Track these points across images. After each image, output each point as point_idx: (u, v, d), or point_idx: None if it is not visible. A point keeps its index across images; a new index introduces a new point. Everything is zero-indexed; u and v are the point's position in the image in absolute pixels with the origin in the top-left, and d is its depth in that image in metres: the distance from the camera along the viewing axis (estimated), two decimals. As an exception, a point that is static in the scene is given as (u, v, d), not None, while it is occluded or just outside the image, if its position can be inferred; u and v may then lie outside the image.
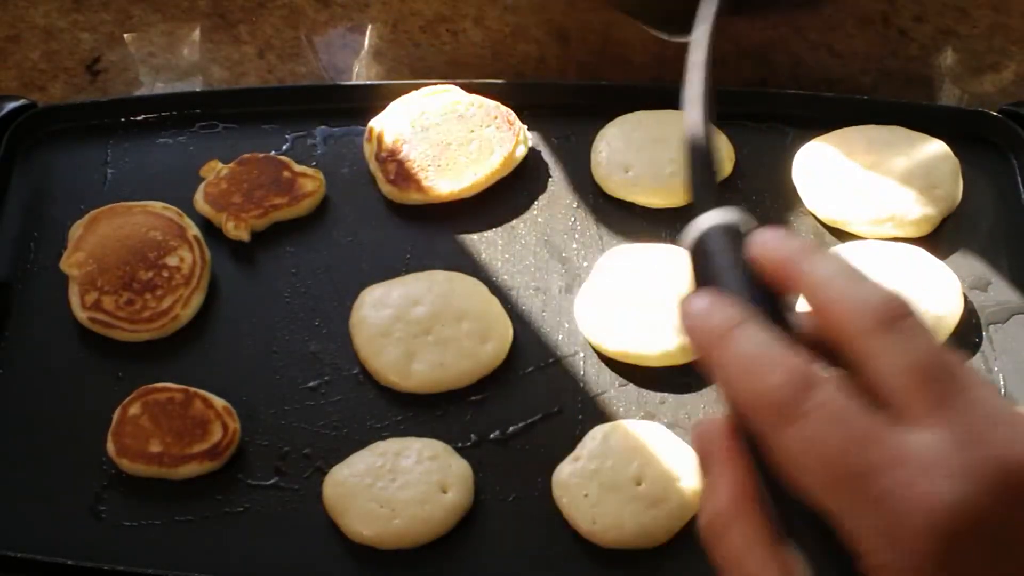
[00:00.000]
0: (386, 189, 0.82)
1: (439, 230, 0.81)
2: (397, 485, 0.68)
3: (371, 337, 0.74)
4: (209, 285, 0.78)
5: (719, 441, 0.41)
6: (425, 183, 0.81)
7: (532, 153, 0.84)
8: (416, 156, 0.82)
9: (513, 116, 0.83)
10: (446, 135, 0.82)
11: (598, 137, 0.84)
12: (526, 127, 0.84)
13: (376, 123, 0.84)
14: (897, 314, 0.40)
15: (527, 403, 0.73)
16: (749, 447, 0.40)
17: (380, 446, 0.70)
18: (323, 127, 0.86)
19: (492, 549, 0.68)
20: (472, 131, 0.83)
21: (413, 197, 0.81)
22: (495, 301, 0.76)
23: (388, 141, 0.83)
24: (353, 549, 0.67)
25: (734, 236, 0.44)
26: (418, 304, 0.75)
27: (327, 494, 0.68)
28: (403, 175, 0.81)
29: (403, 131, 0.83)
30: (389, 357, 0.73)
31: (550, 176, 0.84)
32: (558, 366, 0.75)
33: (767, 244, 0.43)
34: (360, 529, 0.67)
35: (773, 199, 0.83)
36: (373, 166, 0.83)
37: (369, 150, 0.83)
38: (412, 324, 0.74)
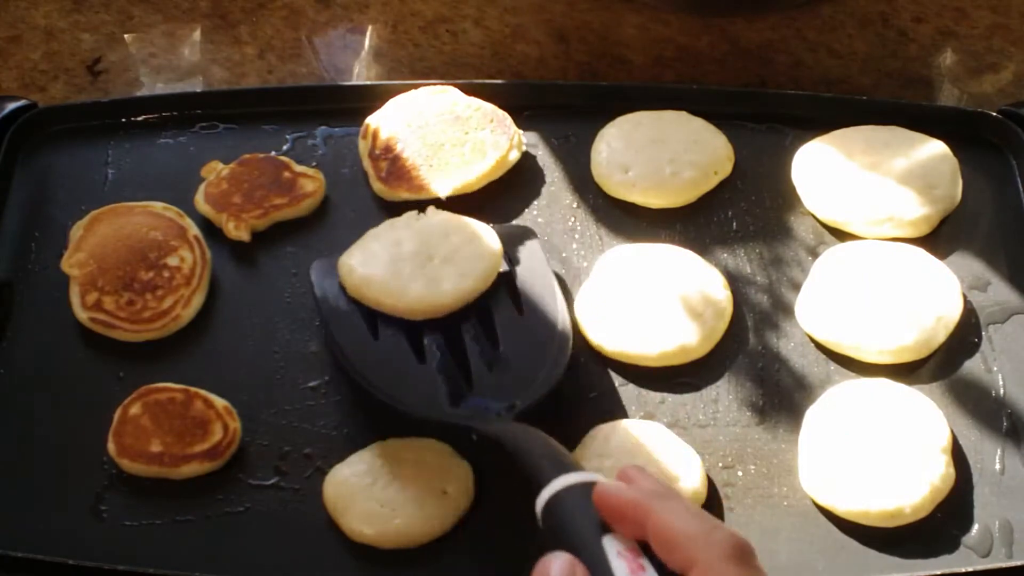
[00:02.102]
0: (376, 187, 0.82)
1: (439, 230, 0.81)
2: (398, 484, 0.68)
3: (366, 277, 0.73)
4: (210, 285, 0.78)
5: None
6: (416, 182, 0.81)
7: (532, 154, 0.84)
8: (409, 155, 0.82)
9: (509, 120, 0.83)
10: (441, 136, 0.83)
11: (598, 137, 0.84)
12: (522, 131, 0.84)
13: (372, 120, 0.84)
14: (744, 552, 0.45)
15: (527, 403, 0.73)
16: None
17: (381, 446, 0.70)
18: (323, 127, 0.86)
19: (492, 549, 0.68)
20: (467, 133, 0.83)
21: (403, 195, 0.81)
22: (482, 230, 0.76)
23: (383, 139, 0.83)
24: (353, 549, 0.67)
25: (587, 495, 0.49)
26: (402, 243, 0.74)
27: (328, 493, 0.68)
28: (395, 173, 0.81)
29: (398, 130, 0.83)
30: (384, 285, 0.72)
31: (550, 177, 0.84)
32: (558, 366, 0.75)
33: (610, 494, 0.47)
34: (361, 528, 0.67)
35: (772, 199, 0.83)
36: (366, 163, 0.83)
37: (364, 147, 0.83)
38: (407, 260, 0.73)
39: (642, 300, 0.75)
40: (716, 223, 0.81)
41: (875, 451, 0.68)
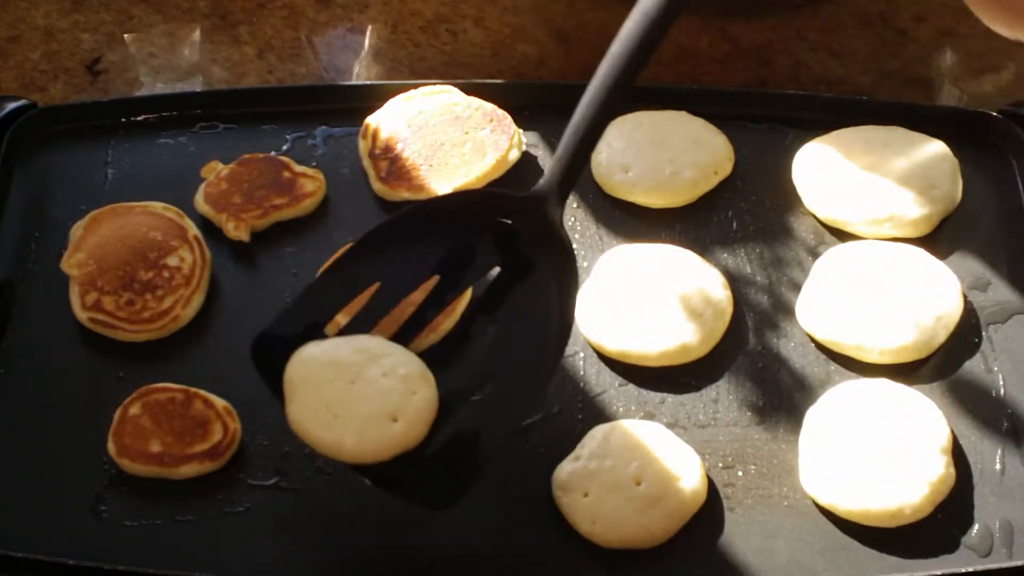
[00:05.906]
0: (376, 187, 0.82)
1: (439, 230, 0.81)
2: (353, 394, 0.64)
3: None
4: (209, 285, 0.78)
5: None
6: (416, 182, 0.81)
7: (532, 154, 0.84)
8: (409, 155, 0.82)
9: (509, 119, 0.83)
10: (441, 135, 0.83)
11: (598, 137, 0.84)
12: (522, 131, 0.84)
13: (372, 120, 0.84)
14: None
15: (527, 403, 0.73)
16: None
17: (366, 341, 0.66)
18: (323, 127, 0.86)
19: (492, 549, 0.68)
20: (467, 132, 0.83)
21: (403, 195, 0.81)
22: None
23: (383, 139, 0.83)
24: (353, 549, 0.67)
25: None
26: None
27: (290, 368, 0.65)
28: (395, 173, 0.81)
29: (399, 129, 0.83)
30: None
31: (550, 176, 0.84)
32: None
33: None
34: (299, 419, 0.64)
35: (773, 199, 0.83)
36: (366, 163, 0.83)
37: (364, 147, 0.83)
38: None
39: (642, 300, 0.75)
40: (716, 223, 0.81)
41: (875, 451, 0.68)
